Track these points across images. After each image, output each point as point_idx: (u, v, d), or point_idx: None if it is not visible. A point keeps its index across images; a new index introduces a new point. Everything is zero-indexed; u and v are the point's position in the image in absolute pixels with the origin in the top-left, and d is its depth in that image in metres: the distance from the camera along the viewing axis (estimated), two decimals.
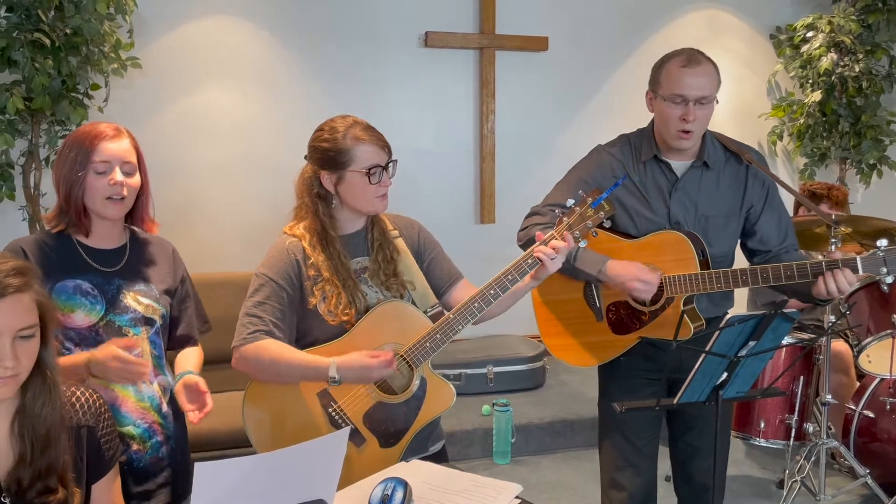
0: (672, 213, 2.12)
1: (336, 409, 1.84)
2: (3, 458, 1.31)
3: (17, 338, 1.27)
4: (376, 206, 1.88)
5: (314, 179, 1.87)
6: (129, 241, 1.85)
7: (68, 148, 1.75)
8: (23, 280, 1.28)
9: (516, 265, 1.83)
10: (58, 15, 3.33)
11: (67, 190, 1.73)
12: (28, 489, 1.30)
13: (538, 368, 4.13)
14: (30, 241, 1.77)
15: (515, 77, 4.59)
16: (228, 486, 1.11)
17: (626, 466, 2.19)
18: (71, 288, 1.74)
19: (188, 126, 4.08)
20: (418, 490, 1.49)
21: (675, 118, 2.04)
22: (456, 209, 4.57)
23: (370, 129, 1.87)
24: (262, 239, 3.97)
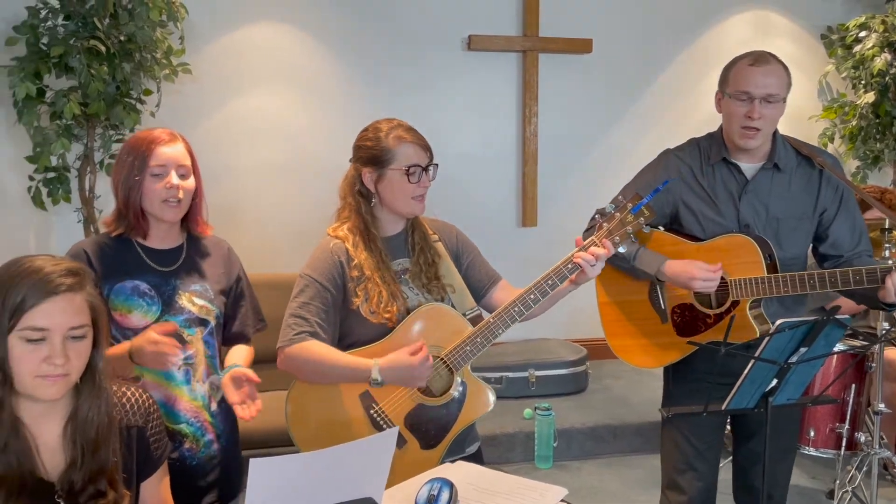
0: (741, 215, 2.10)
1: (378, 410, 1.86)
2: (56, 458, 1.34)
3: (68, 337, 1.29)
4: (413, 207, 1.90)
5: (356, 177, 1.91)
6: (185, 241, 1.90)
7: (126, 153, 1.80)
8: (75, 280, 1.30)
9: (556, 270, 1.83)
10: (112, 22, 3.42)
11: (126, 194, 1.79)
12: (80, 492, 1.33)
13: (580, 372, 4.10)
14: (91, 244, 1.83)
15: (558, 80, 4.57)
16: (282, 482, 1.13)
17: (687, 470, 2.17)
18: (129, 289, 1.79)
19: (235, 130, 4.16)
20: (463, 491, 1.49)
21: (739, 115, 2.03)
22: (498, 212, 4.57)
23: (413, 130, 1.91)
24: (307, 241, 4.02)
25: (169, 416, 1.79)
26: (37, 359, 1.27)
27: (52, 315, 1.27)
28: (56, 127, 3.38)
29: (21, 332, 1.26)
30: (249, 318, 1.97)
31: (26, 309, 1.25)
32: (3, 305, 1.25)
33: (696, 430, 2.16)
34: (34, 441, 1.31)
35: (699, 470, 2.17)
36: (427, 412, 1.86)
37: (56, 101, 3.32)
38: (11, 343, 1.26)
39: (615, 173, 2.30)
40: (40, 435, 1.33)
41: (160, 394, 1.79)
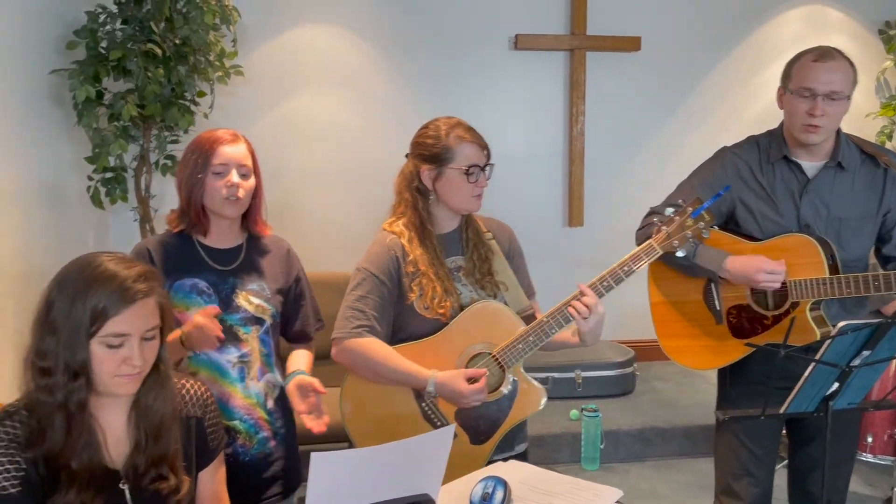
0: (802, 215, 2.05)
1: (430, 404, 1.87)
2: (121, 446, 1.39)
3: (142, 339, 1.34)
4: (471, 205, 1.91)
5: (414, 174, 1.92)
6: (245, 240, 1.93)
7: (190, 152, 1.84)
8: (149, 285, 1.35)
9: (612, 272, 1.82)
10: (168, 26, 3.50)
11: (188, 191, 1.83)
12: (143, 476, 1.38)
13: (628, 374, 4.06)
14: (154, 242, 1.88)
15: (606, 78, 4.53)
16: (342, 477, 1.14)
17: (744, 475, 2.13)
18: (188, 287, 1.83)
19: (285, 130, 4.23)
20: (517, 490, 1.49)
21: (801, 112, 1.99)
22: (544, 212, 4.55)
23: (472, 130, 1.92)
24: (356, 240, 4.08)
25: (223, 412, 1.82)
26: (117, 361, 1.32)
27: (132, 322, 1.32)
28: (114, 128, 3.47)
29: (103, 338, 1.31)
30: (310, 317, 2.00)
31: (108, 317, 1.30)
32: (84, 311, 1.30)
33: (752, 435, 2.12)
34: (102, 431, 1.37)
35: (756, 475, 2.13)
36: (478, 408, 1.86)
37: (114, 103, 3.41)
38: (93, 348, 1.31)
39: (664, 173, 2.27)
40: (107, 424, 1.38)
41: (214, 390, 1.81)
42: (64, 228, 3.62)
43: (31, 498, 1.29)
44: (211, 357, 1.83)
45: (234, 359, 1.84)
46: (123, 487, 1.36)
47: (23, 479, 1.29)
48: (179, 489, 1.41)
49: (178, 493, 1.41)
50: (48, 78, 3.45)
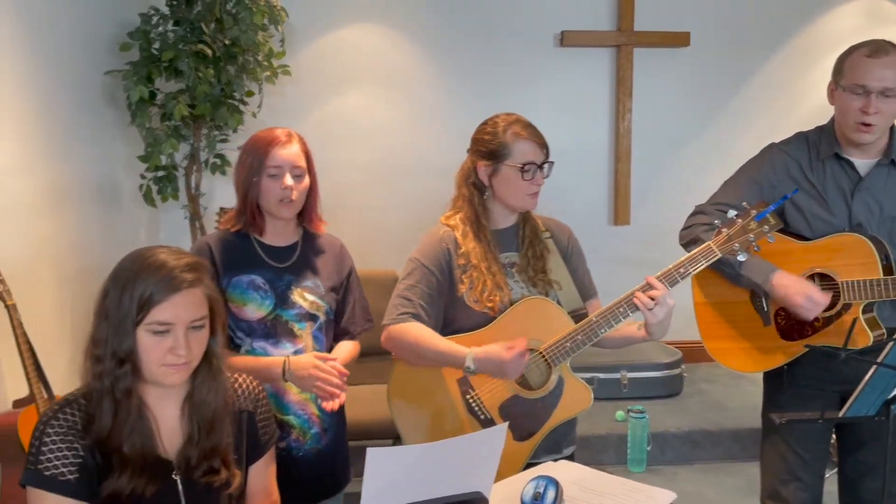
0: (853, 214, 1.99)
1: (474, 396, 1.87)
2: (174, 437, 1.41)
3: (189, 328, 1.36)
4: (526, 202, 1.90)
5: (471, 169, 1.93)
6: (301, 238, 1.95)
7: (246, 153, 1.87)
8: (195, 275, 1.37)
9: (667, 274, 1.80)
10: (218, 27, 3.56)
11: (245, 192, 1.86)
12: (195, 468, 1.40)
13: (675, 376, 3.99)
14: (214, 238, 1.91)
15: (654, 74, 4.47)
16: (397, 472, 1.15)
17: (791, 480, 2.08)
18: (245, 283, 1.86)
19: (332, 130, 4.27)
20: (569, 490, 1.48)
21: (854, 110, 1.93)
22: (590, 210, 4.50)
23: (531, 127, 1.90)
24: (400, 238, 4.10)
25: (278, 407, 1.85)
26: (163, 349, 1.34)
27: (177, 310, 1.34)
28: (165, 128, 3.54)
29: (148, 325, 1.33)
30: (357, 315, 2.01)
31: (153, 304, 1.33)
32: (132, 299, 1.33)
33: (801, 439, 2.07)
34: (156, 422, 1.39)
35: (804, 480, 2.07)
36: (522, 404, 1.86)
37: (166, 103, 3.49)
38: (139, 335, 1.34)
39: (712, 171, 2.22)
40: (161, 416, 1.40)
41: (270, 385, 1.84)
42: (117, 226, 3.71)
43: (88, 484, 1.33)
44: (267, 352, 1.86)
45: (288, 354, 1.86)
46: (176, 478, 1.39)
47: (80, 465, 1.32)
48: (230, 482, 1.43)
49: (228, 486, 1.43)
50: (103, 79, 3.54)
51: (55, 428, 1.33)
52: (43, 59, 3.06)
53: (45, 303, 3.06)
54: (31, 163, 2.98)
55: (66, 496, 1.31)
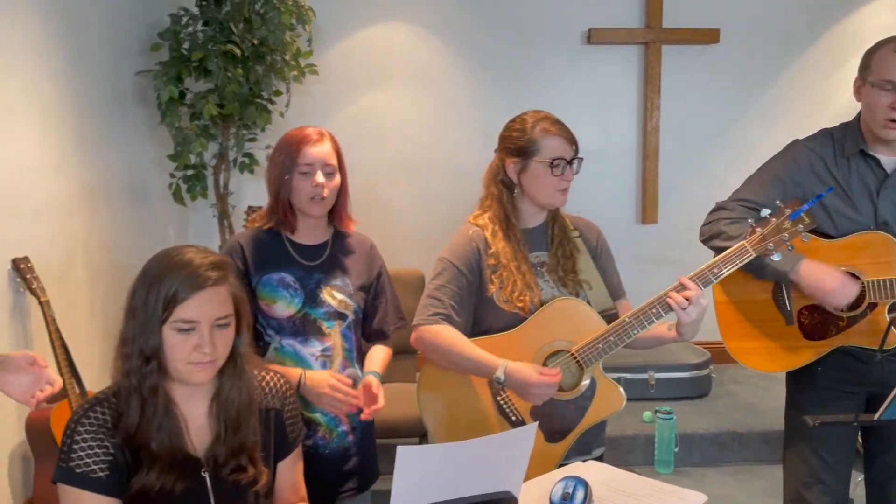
0: (879, 212, 1.95)
1: (505, 398, 1.86)
2: (203, 435, 1.43)
3: (214, 326, 1.37)
4: (555, 199, 1.89)
5: (500, 167, 1.91)
6: (331, 237, 1.96)
7: (278, 152, 1.88)
8: (220, 273, 1.38)
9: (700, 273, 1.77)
10: (246, 27, 3.59)
11: (276, 190, 1.87)
12: (223, 466, 1.41)
13: (703, 376, 3.95)
14: (246, 237, 1.93)
15: (682, 71, 4.42)
16: (427, 470, 1.15)
17: (815, 483, 2.04)
18: (275, 280, 1.87)
19: (359, 128, 4.28)
20: (597, 491, 1.47)
21: (882, 106, 1.89)
22: (617, 209, 4.47)
23: (559, 123, 1.89)
24: (428, 237, 4.12)
25: (305, 404, 1.86)
26: (188, 347, 1.35)
27: (201, 307, 1.35)
28: (195, 127, 3.58)
29: (174, 323, 1.34)
30: (389, 314, 2.01)
31: (178, 302, 1.34)
32: (157, 298, 1.34)
33: (824, 442, 2.03)
34: (184, 420, 1.41)
35: (828, 484, 2.03)
36: (554, 406, 1.84)
37: (195, 102, 3.52)
38: (165, 333, 1.35)
39: (741, 169, 2.18)
40: (189, 414, 1.42)
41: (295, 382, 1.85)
42: (147, 224, 3.76)
43: (118, 481, 1.35)
44: (296, 349, 1.87)
45: (316, 352, 1.87)
46: (205, 475, 1.40)
47: (111, 462, 1.34)
48: (258, 480, 1.44)
49: (256, 483, 1.44)
50: (134, 79, 3.58)
51: (86, 426, 1.35)
52: (77, 59, 3.11)
53: (77, 299, 3.11)
54: (65, 162, 3.03)
55: (97, 493, 1.33)
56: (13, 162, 2.69)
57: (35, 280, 2.67)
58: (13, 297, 2.67)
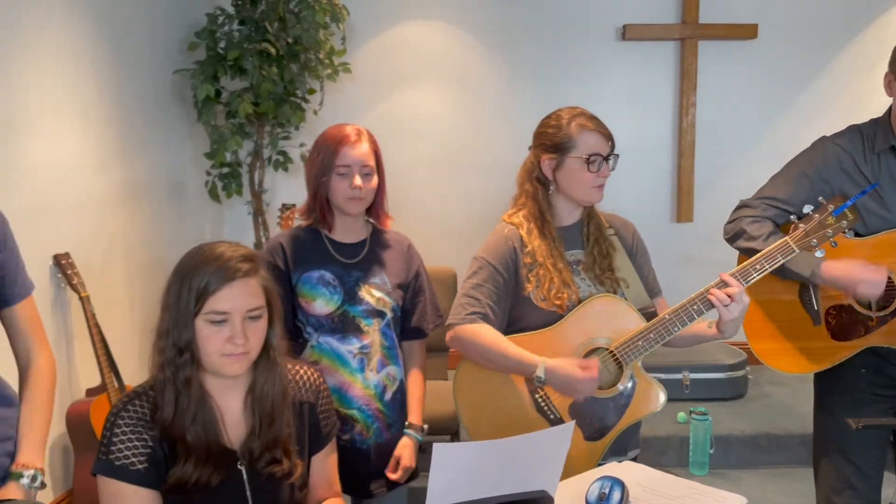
0: None
1: (543, 395, 1.84)
2: (238, 429, 1.44)
3: (246, 318, 1.38)
4: (592, 196, 1.86)
5: (535, 164, 1.90)
6: (369, 235, 1.97)
7: (316, 151, 1.89)
8: (251, 266, 1.39)
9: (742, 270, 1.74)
10: (281, 26, 3.62)
11: (315, 189, 1.89)
12: (258, 459, 1.42)
13: (739, 378, 3.88)
14: (286, 236, 1.95)
15: (719, 68, 4.36)
16: (462, 467, 1.14)
17: (846, 489, 1.99)
18: (315, 278, 1.88)
19: (391, 126, 4.29)
20: (634, 492, 1.45)
21: None
22: (651, 206, 4.42)
23: (595, 119, 1.87)
24: (461, 234, 4.12)
25: (342, 400, 1.87)
26: (221, 339, 1.36)
27: (232, 299, 1.36)
28: (230, 125, 3.62)
29: (206, 315, 1.36)
30: (428, 313, 2.01)
31: (210, 294, 1.35)
32: (190, 290, 1.36)
33: (854, 446, 1.98)
34: (220, 412, 1.42)
35: (859, 489, 1.98)
36: (593, 404, 1.82)
37: (231, 101, 3.56)
38: (199, 326, 1.36)
39: (779, 167, 2.14)
40: (225, 407, 1.43)
41: (335, 379, 1.86)
42: (184, 221, 3.82)
43: (157, 473, 1.36)
44: (333, 346, 1.88)
45: (354, 349, 1.88)
46: (241, 468, 1.41)
47: (149, 455, 1.36)
48: (292, 472, 1.45)
49: (291, 476, 1.45)
50: (172, 78, 3.64)
51: (125, 419, 1.37)
52: (118, 60, 3.16)
53: (116, 295, 3.17)
54: (105, 160, 3.08)
55: (136, 485, 1.35)
56: (56, 160, 2.75)
57: (76, 276, 2.72)
58: (54, 293, 2.73)
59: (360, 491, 1.92)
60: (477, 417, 1.90)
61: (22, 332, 1.60)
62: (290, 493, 1.46)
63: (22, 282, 1.60)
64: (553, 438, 1.24)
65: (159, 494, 1.37)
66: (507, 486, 1.21)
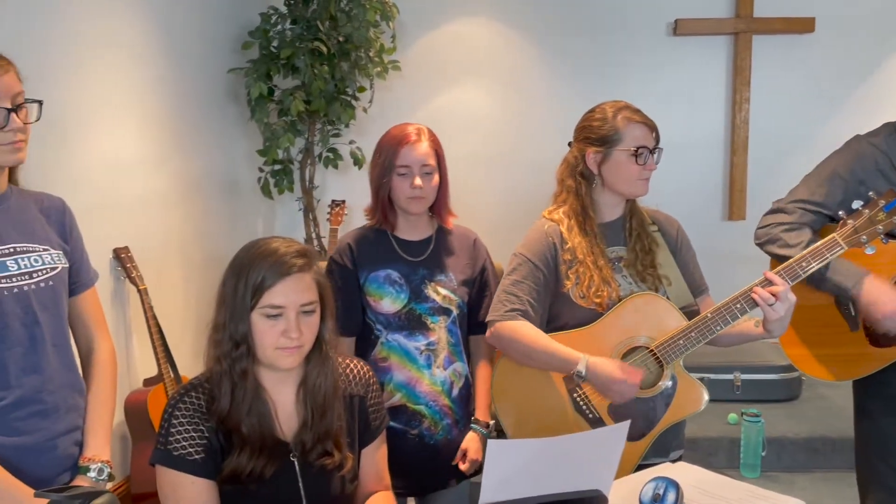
0: None
1: (581, 395, 1.83)
2: (291, 421, 1.46)
3: (300, 313, 1.40)
4: (637, 188, 1.85)
5: (579, 159, 1.88)
6: (434, 232, 1.99)
7: (378, 153, 1.92)
8: (305, 261, 1.42)
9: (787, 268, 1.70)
10: (332, 24, 3.66)
11: (377, 190, 1.91)
12: (310, 451, 1.45)
13: (793, 379, 3.80)
14: (353, 236, 1.97)
15: (774, 63, 4.25)
16: (516, 464, 1.15)
17: (889, 498, 1.93)
18: (382, 277, 1.90)
19: (441, 123, 4.23)
20: (689, 493, 1.44)
21: None
22: (702, 204, 4.35)
23: (640, 111, 1.85)
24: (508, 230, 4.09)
25: (410, 396, 1.89)
26: (276, 333, 1.39)
27: (287, 294, 1.38)
28: (282, 123, 3.68)
29: (262, 309, 1.38)
30: None
31: (266, 288, 1.38)
32: (246, 285, 1.39)
33: None
34: (273, 405, 1.45)
35: None
36: (633, 403, 1.79)
37: (283, 99, 3.62)
38: (254, 320, 1.39)
39: None
40: (278, 400, 1.46)
41: (403, 375, 1.89)
42: (237, 216, 3.89)
43: (213, 464, 1.40)
44: (401, 343, 1.90)
45: (421, 346, 1.90)
46: (293, 460, 1.44)
47: (206, 446, 1.39)
48: (343, 465, 1.47)
49: (342, 468, 1.47)
50: (226, 77, 3.71)
51: (182, 410, 1.40)
52: (175, 60, 3.24)
53: (172, 288, 3.26)
54: (163, 157, 3.17)
55: (193, 475, 1.38)
56: (116, 157, 2.84)
57: (134, 269, 2.80)
58: (114, 285, 2.81)
59: (427, 485, 1.95)
60: (515, 414, 1.90)
61: (85, 322, 1.65)
62: (340, 486, 1.48)
63: (86, 272, 1.66)
64: (608, 437, 1.23)
65: (215, 485, 1.40)
66: (561, 483, 1.21)
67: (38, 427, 1.47)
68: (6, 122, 1.40)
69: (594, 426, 1.79)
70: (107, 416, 1.62)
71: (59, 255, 1.56)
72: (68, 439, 1.53)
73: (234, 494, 1.41)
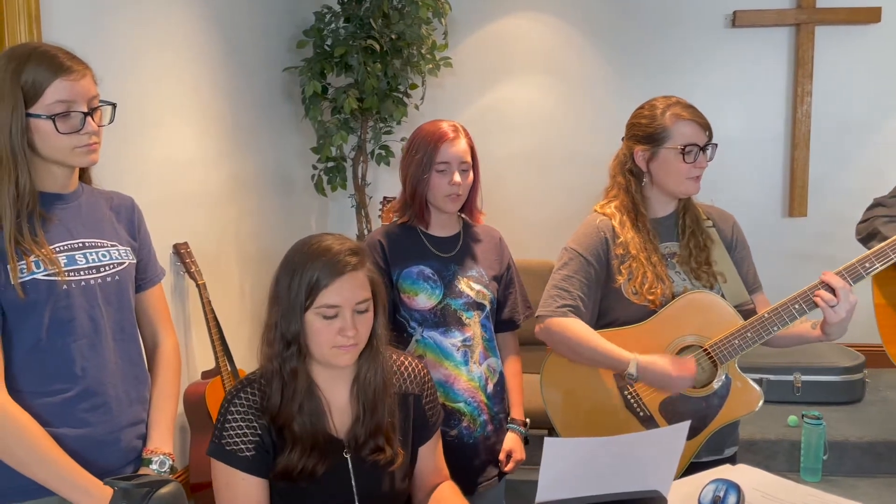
0: None
1: (632, 392, 1.80)
2: (344, 418, 1.47)
3: (355, 311, 1.40)
4: (687, 187, 1.80)
5: (628, 156, 1.85)
6: (462, 228, 1.99)
7: (414, 149, 1.90)
8: (358, 259, 1.42)
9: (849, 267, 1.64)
10: (385, 22, 3.68)
11: (413, 187, 1.90)
12: (363, 446, 1.45)
13: (856, 381, 3.67)
14: (383, 233, 1.97)
15: (837, 54, 4.11)
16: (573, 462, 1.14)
17: None
18: (415, 273, 1.90)
19: (490, 120, 4.29)
20: (750, 496, 1.40)
21: None
22: (762, 200, 4.23)
23: (691, 107, 1.81)
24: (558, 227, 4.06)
25: (448, 394, 1.89)
26: (332, 331, 1.39)
27: (342, 293, 1.39)
28: (336, 121, 3.72)
29: (318, 309, 1.39)
30: (519, 304, 2.01)
31: (321, 288, 1.38)
32: (300, 285, 1.39)
33: None
34: (327, 403, 1.45)
35: None
36: (685, 402, 1.76)
37: (337, 97, 3.65)
38: (309, 319, 1.40)
39: None
40: (332, 397, 1.46)
41: (440, 373, 1.88)
42: (291, 213, 3.95)
43: (265, 461, 1.41)
44: (436, 340, 1.90)
45: (458, 342, 1.90)
46: (347, 456, 1.45)
47: (258, 443, 1.41)
48: (394, 461, 1.47)
49: (393, 464, 1.47)
50: (281, 75, 3.77)
51: (237, 406, 1.42)
52: (231, 59, 3.31)
53: (229, 283, 3.33)
54: (220, 154, 3.24)
55: (244, 471, 1.40)
56: (176, 155, 2.91)
57: (193, 264, 2.87)
58: (174, 280, 2.88)
59: (466, 486, 1.94)
60: (563, 412, 1.89)
61: (151, 317, 1.69)
62: (391, 482, 1.48)
63: (153, 269, 1.70)
64: (667, 437, 1.21)
65: (266, 482, 1.42)
66: (618, 483, 1.20)
67: (102, 419, 1.50)
68: (82, 126, 1.44)
69: (645, 424, 1.77)
70: (170, 409, 1.65)
71: (127, 251, 1.59)
72: (132, 432, 1.57)
73: (286, 491, 1.43)
